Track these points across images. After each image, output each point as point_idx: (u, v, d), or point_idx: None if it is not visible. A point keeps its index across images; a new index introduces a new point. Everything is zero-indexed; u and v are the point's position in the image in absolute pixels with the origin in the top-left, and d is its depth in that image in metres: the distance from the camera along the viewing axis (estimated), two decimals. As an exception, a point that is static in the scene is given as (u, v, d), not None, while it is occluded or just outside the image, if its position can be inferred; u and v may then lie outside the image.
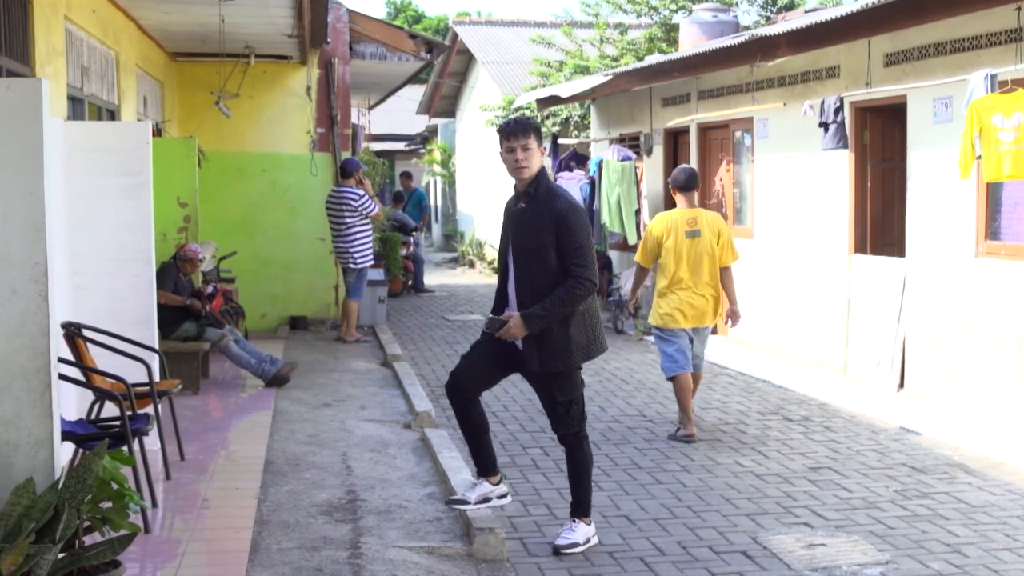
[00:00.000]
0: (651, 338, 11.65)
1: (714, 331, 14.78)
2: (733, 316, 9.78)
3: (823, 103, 11.48)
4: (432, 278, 24.35)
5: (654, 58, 18.09)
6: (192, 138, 12.70)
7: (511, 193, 6.75)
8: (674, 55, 16.40)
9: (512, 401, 11.11)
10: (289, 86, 15.70)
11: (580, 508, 6.71)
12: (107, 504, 5.25)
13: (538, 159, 6.51)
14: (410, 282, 21.77)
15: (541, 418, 10.28)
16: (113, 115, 10.83)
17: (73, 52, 9.13)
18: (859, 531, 6.94)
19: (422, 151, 37.38)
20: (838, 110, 11.34)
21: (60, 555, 4.99)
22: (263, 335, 14.92)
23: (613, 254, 17.51)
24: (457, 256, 29.97)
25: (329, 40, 15.38)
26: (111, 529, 5.26)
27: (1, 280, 5.10)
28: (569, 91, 17.68)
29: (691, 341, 9.58)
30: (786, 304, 13.15)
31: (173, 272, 11.16)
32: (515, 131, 6.49)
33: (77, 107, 9.37)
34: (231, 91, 14.47)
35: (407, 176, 26.19)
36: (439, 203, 36.17)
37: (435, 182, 36.32)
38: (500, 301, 6.83)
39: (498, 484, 7.03)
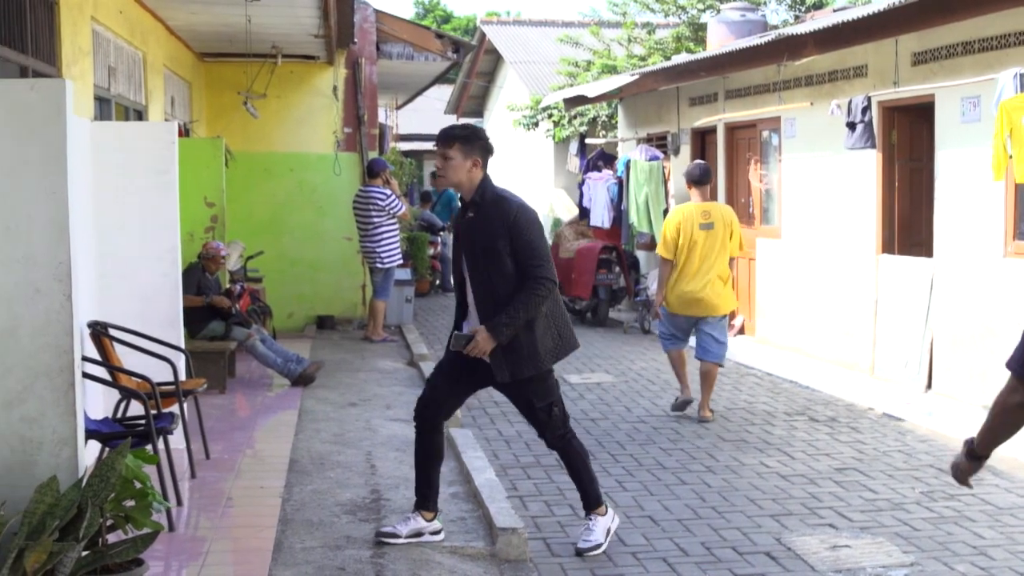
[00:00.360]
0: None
1: (741, 331, 14.84)
2: None
3: (850, 102, 11.43)
4: (459, 278, 24.30)
5: (681, 57, 18.04)
6: (219, 138, 12.75)
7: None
8: (701, 54, 16.37)
9: (538, 401, 11.08)
10: (316, 86, 15.74)
11: (591, 501, 6.65)
12: (130, 503, 5.27)
13: (461, 170, 6.32)
14: (438, 282, 21.78)
15: (566, 418, 10.28)
16: (140, 115, 10.88)
17: (100, 52, 9.18)
18: (884, 533, 6.90)
19: (450, 151, 37.38)
20: (865, 109, 11.29)
21: (83, 553, 5.01)
22: (290, 334, 14.95)
23: (640, 254, 17.47)
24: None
25: (356, 40, 15.42)
26: (134, 527, 5.28)
27: (25, 279, 5.14)
28: (596, 91, 17.66)
29: (693, 328, 10.28)
30: (813, 304, 13.10)
31: (197, 273, 11.20)
32: (439, 139, 6.39)
33: (104, 107, 9.42)
34: (259, 91, 14.51)
35: (436, 176, 26.20)
36: (467, 203, 36.16)
37: (463, 182, 36.33)
38: (461, 316, 6.62)
39: (432, 520, 6.59)
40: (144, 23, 10.95)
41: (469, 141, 6.37)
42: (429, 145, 39.53)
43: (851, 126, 11.41)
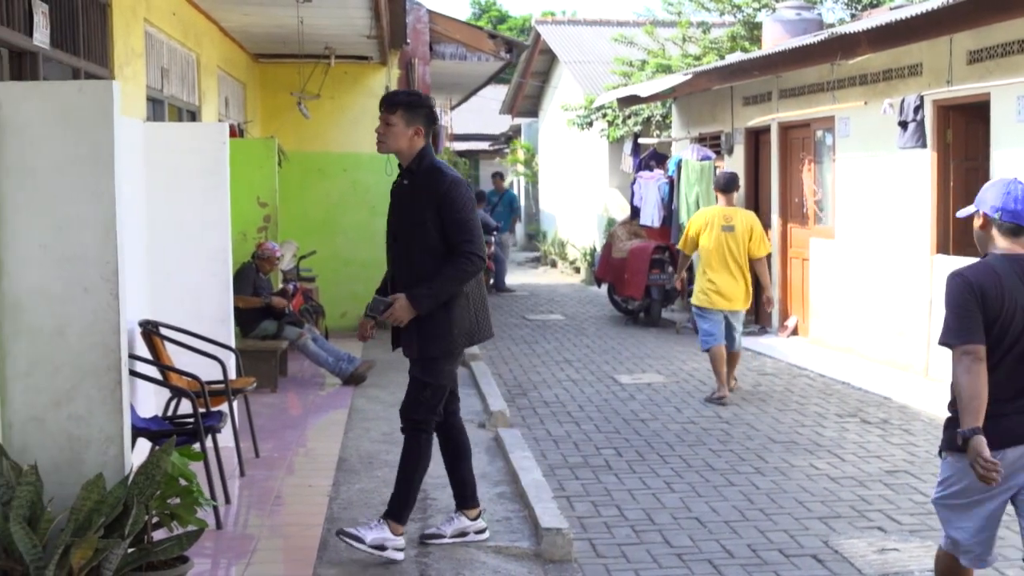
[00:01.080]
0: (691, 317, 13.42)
1: (795, 332, 14.74)
2: (767, 302, 11.50)
3: (903, 101, 11.32)
4: (514, 277, 24.39)
5: (734, 57, 17.94)
6: (272, 138, 12.84)
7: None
8: (754, 54, 16.27)
9: (588, 401, 11.10)
10: (370, 87, 15.80)
11: (392, 509, 6.25)
12: (175, 500, 5.32)
13: (403, 137, 6.16)
14: (491, 281, 21.81)
15: (616, 419, 10.29)
16: (194, 116, 10.98)
17: (153, 54, 9.27)
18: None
19: (506, 151, 37.44)
20: (918, 108, 11.18)
21: (129, 550, 5.07)
22: (344, 334, 15.00)
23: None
24: (539, 256, 29.97)
25: (409, 41, 15.48)
26: (179, 525, 5.34)
27: (73, 279, 5.20)
28: (648, 90, 17.61)
29: (727, 321, 11.20)
30: (867, 305, 12.98)
31: (252, 273, 11.29)
32: (382, 103, 6.26)
33: (157, 108, 9.51)
34: (312, 92, 14.59)
35: (499, 177, 26.19)
36: (522, 203, 36.22)
37: (518, 182, 36.38)
38: (387, 284, 6.48)
39: (477, 519, 6.53)
40: (198, 25, 11.04)
41: (412, 108, 6.23)
42: (485, 145, 39.80)
43: (903, 125, 11.30)
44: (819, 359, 13.14)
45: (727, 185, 11.50)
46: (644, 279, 16.29)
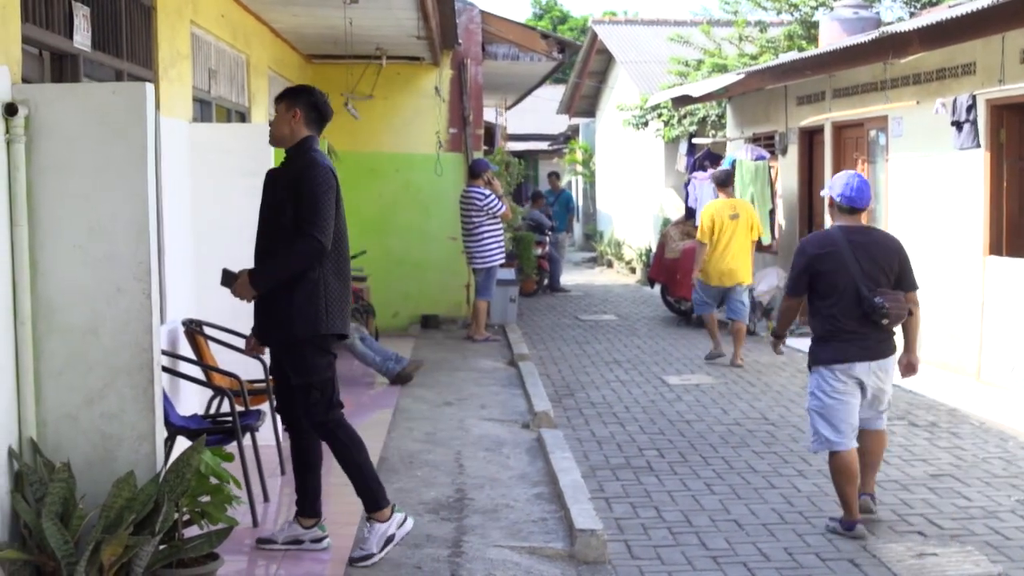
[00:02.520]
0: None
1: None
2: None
3: (955, 101, 11.18)
4: (569, 277, 24.38)
5: (787, 56, 17.81)
6: (323, 139, 12.88)
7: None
8: (805, 53, 16.14)
9: (635, 402, 11.07)
10: (422, 87, 15.86)
11: (369, 503, 6.20)
12: (206, 498, 5.37)
13: (283, 123, 6.19)
14: (546, 281, 21.81)
15: (662, 420, 10.26)
16: (244, 117, 11.06)
17: (200, 55, 9.35)
18: (974, 541, 6.74)
19: (564, 151, 37.42)
20: (970, 108, 11.04)
21: (160, 547, 5.13)
22: (395, 333, 15.11)
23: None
24: (596, 256, 29.92)
25: (461, 41, 15.50)
26: (209, 523, 5.39)
27: (107, 278, 5.28)
28: (700, 90, 17.53)
29: (723, 296, 13.62)
30: (920, 306, 12.79)
31: None
32: (276, 97, 6.33)
33: (205, 109, 9.58)
34: (365, 92, 14.65)
35: (555, 176, 26.19)
36: (580, 203, 36.18)
37: (576, 181, 36.36)
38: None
39: (313, 527, 6.33)
40: (247, 26, 11.12)
41: (295, 95, 6.27)
42: (544, 145, 39.82)
43: (957, 125, 11.16)
44: (871, 361, 12.97)
45: (725, 180, 14.06)
46: (696, 279, 16.18)
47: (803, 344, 14.22)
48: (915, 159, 12.86)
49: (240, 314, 8.26)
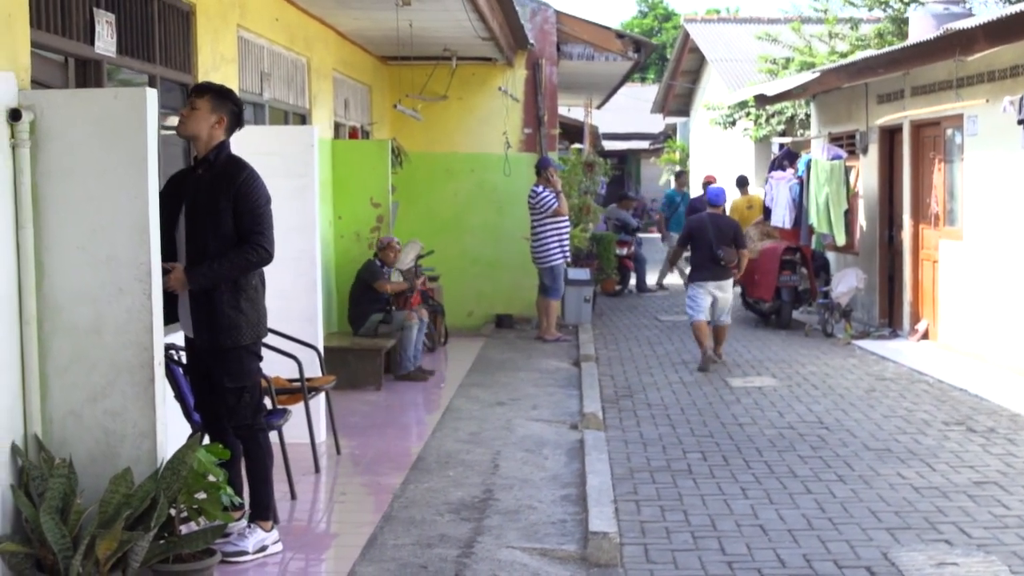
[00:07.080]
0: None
1: (925, 336, 14.33)
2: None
3: (1021, 99, 10.91)
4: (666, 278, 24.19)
5: (862, 54, 17.52)
6: (385, 140, 13.02)
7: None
8: (878, 51, 15.87)
9: (691, 404, 10.99)
10: (496, 88, 15.90)
11: (258, 510, 6.26)
12: (202, 495, 5.47)
13: (204, 123, 6.09)
14: (632, 281, 21.71)
15: (714, 422, 10.17)
16: (304, 119, 11.21)
17: (251, 58, 9.49)
18: (1001, 551, 6.58)
19: (664, 150, 37.25)
20: (1036, 106, 10.79)
21: (159, 542, 5.24)
22: (468, 333, 15.19)
23: (829, 255, 17.12)
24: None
25: (534, 42, 15.53)
26: (206, 519, 5.49)
27: (109, 279, 5.40)
28: (775, 89, 17.34)
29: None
30: (995, 309, 12.53)
31: (375, 266, 11.68)
32: (192, 90, 6.30)
33: (257, 112, 9.74)
34: (439, 92, 14.72)
35: (682, 176, 25.60)
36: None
37: (672, 181, 36.16)
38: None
39: (272, 530, 6.33)
40: (308, 29, 11.27)
41: (220, 97, 6.21)
42: (644, 144, 39.73)
43: (1023, 124, 10.90)
44: (943, 365, 12.74)
45: (741, 183, 19.52)
46: (774, 280, 16.03)
47: (878, 346, 14.11)
48: (991, 158, 12.56)
49: (284, 314, 8.40)
